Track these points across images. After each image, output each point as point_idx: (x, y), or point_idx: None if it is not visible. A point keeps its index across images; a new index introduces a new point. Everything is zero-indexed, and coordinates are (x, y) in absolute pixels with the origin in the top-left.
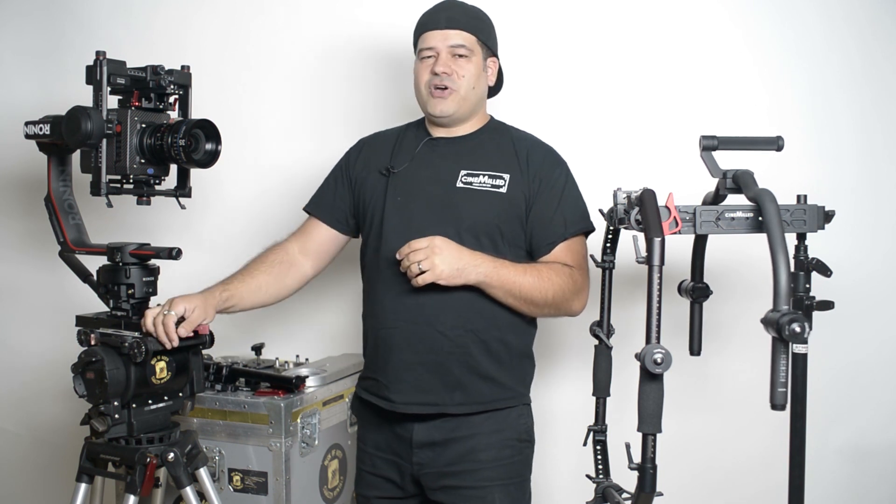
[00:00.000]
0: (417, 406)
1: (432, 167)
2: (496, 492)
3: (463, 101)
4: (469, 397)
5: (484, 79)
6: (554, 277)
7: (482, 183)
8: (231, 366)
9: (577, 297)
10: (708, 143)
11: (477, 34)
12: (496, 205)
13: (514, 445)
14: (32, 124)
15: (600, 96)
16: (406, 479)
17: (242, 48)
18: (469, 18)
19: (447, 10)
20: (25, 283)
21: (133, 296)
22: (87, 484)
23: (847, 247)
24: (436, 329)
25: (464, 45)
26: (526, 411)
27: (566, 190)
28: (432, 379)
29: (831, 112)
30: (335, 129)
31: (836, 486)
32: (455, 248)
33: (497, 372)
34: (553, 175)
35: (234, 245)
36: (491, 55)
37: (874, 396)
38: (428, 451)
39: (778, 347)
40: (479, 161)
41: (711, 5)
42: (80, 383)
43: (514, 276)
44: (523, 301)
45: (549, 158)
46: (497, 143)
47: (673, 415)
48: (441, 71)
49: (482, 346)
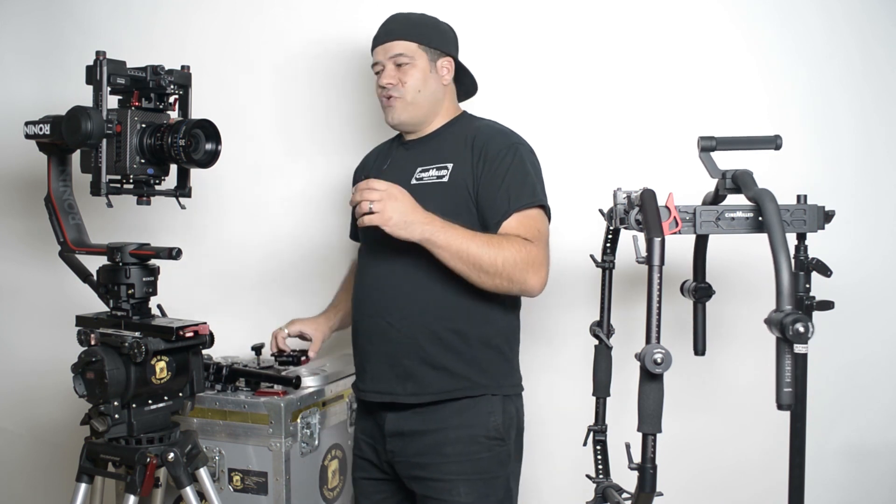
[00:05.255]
0: (376, 395)
1: (398, 169)
2: (461, 485)
3: (411, 106)
4: (421, 388)
5: (434, 79)
6: (505, 244)
7: (430, 177)
8: (231, 366)
9: (533, 270)
10: (706, 144)
11: (418, 40)
12: (438, 195)
13: (483, 442)
14: (32, 124)
15: (600, 96)
16: (383, 464)
17: (242, 48)
18: (408, 27)
19: (388, 23)
20: (25, 283)
21: (133, 296)
22: (87, 484)
23: (847, 247)
24: (385, 320)
25: (402, 54)
26: (496, 406)
27: (512, 168)
28: (386, 369)
29: (831, 112)
30: (335, 128)
31: (836, 486)
32: (410, 202)
33: (450, 362)
34: (498, 155)
35: (234, 245)
36: (441, 56)
37: (874, 396)
38: (398, 440)
39: (782, 348)
40: (431, 156)
41: (711, 5)
42: (80, 383)
43: (462, 239)
44: (471, 266)
45: (497, 140)
46: (455, 135)
47: (673, 415)
48: (385, 83)
49: (432, 336)
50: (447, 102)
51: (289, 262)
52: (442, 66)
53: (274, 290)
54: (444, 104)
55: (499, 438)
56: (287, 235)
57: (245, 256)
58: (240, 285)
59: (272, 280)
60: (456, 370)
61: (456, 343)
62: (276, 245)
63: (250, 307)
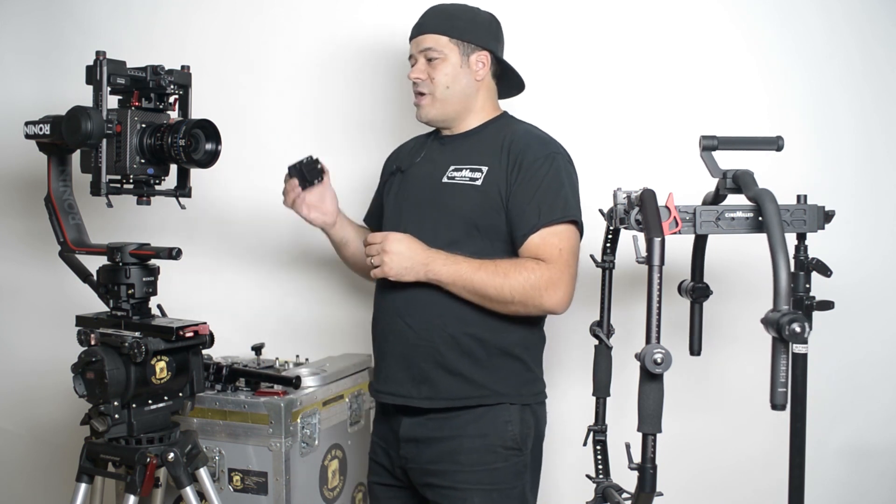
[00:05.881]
0: (390, 396)
1: (431, 165)
2: (476, 496)
3: (439, 103)
4: (436, 392)
5: (466, 75)
6: (512, 272)
7: (463, 177)
8: (231, 366)
9: (549, 292)
10: (708, 144)
11: (449, 33)
12: (471, 198)
13: (499, 452)
14: (32, 124)
15: (600, 96)
16: (396, 470)
17: (242, 48)
18: (441, 20)
19: (423, 16)
20: (25, 283)
21: (133, 296)
22: (87, 484)
23: (847, 247)
24: (404, 321)
25: (432, 48)
26: (514, 416)
27: (546, 179)
28: (401, 371)
29: (831, 112)
30: (335, 128)
31: (836, 486)
32: (407, 246)
33: (468, 369)
34: (535, 164)
35: (234, 245)
36: (476, 50)
37: (874, 396)
38: (412, 446)
39: (778, 347)
40: (467, 156)
41: (711, 5)
42: (80, 383)
43: (467, 271)
44: (480, 297)
45: (535, 148)
46: (494, 136)
47: (673, 415)
48: (414, 77)
49: (450, 340)
50: (483, 100)
51: (289, 262)
52: (477, 60)
53: (274, 289)
54: (478, 101)
55: (515, 448)
56: (287, 235)
57: (245, 256)
58: (240, 285)
59: (272, 280)
60: (472, 377)
61: (474, 349)
62: (276, 245)
63: (250, 307)
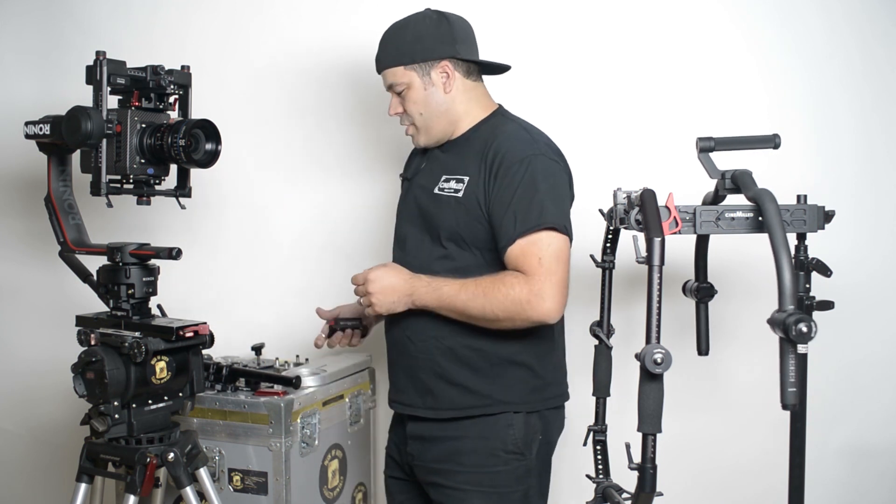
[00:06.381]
0: (399, 406)
1: (429, 174)
2: (475, 498)
3: (424, 130)
4: (438, 403)
5: (434, 93)
6: (491, 291)
7: (449, 188)
8: (231, 366)
9: (534, 304)
10: (705, 145)
11: (400, 61)
12: (454, 211)
13: (500, 456)
14: (32, 124)
15: (600, 96)
16: (405, 465)
17: (242, 48)
18: (389, 50)
19: (378, 49)
20: (25, 283)
21: (133, 296)
22: (87, 484)
23: (847, 247)
24: (405, 334)
25: (393, 84)
26: (517, 420)
27: (521, 186)
28: (407, 382)
29: (831, 112)
30: (335, 128)
31: (836, 486)
32: (388, 281)
33: (468, 379)
34: (510, 170)
35: (234, 245)
36: (433, 65)
37: (874, 396)
38: (418, 444)
39: (786, 348)
40: (454, 165)
41: (711, 5)
42: (80, 383)
43: (449, 295)
44: (467, 318)
45: (512, 152)
46: (480, 142)
47: (673, 415)
48: (392, 115)
49: (448, 353)
50: (465, 105)
51: (289, 262)
52: (439, 74)
53: (274, 289)
54: (459, 110)
55: (517, 453)
56: (287, 235)
57: (245, 256)
58: (240, 285)
59: (272, 280)
60: (474, 387)
61: (473, 360)
62: (276, 245)
63: (250, 307)
